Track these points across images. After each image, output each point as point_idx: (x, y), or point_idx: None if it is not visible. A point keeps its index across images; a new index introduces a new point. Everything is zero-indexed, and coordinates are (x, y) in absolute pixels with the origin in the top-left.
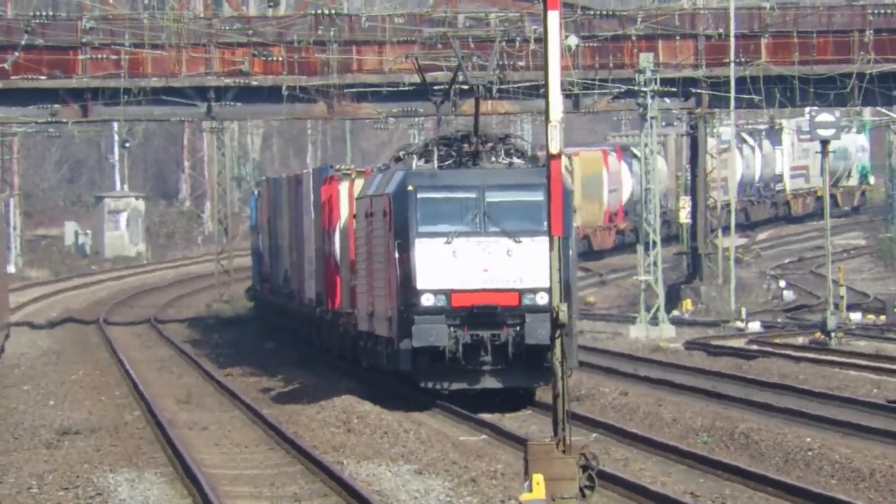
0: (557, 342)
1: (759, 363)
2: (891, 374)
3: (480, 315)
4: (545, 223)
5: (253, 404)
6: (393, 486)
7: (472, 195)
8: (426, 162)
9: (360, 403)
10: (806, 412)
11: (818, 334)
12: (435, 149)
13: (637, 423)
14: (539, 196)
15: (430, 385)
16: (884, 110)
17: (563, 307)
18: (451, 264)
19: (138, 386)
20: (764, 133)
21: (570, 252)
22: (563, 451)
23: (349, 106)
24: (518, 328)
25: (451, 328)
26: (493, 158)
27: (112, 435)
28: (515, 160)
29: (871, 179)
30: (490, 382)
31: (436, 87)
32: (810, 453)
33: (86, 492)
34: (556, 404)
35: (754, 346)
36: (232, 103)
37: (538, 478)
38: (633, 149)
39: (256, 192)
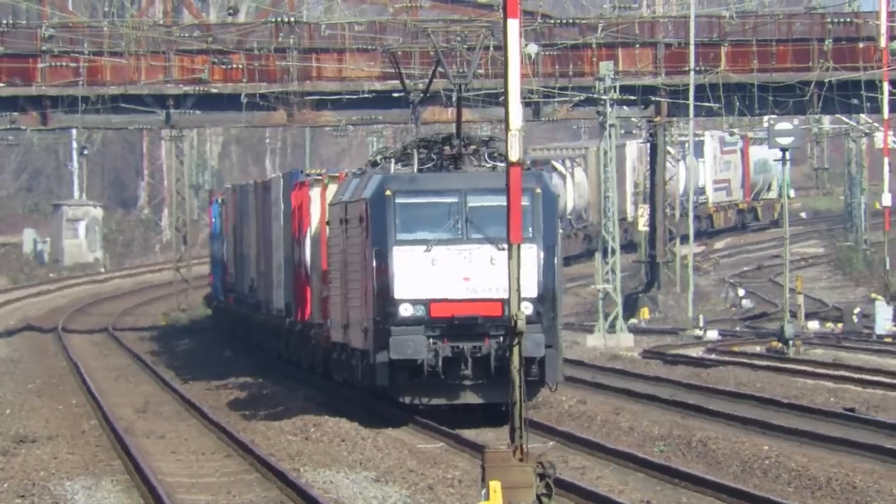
0: (515, 350)
1: (717, 372)
2: (848, 383)
3: (461, 326)
4: (531, 229)
5: (210, 413)
6: (350, 493)
7: (454, 200)
8: (405, 165)
9: (318, 411)
10: (763, 420)
11: (776, 343)
12: (415, 151)
13: (595, 431)
14: (525, 201)
15: (407, 400)
16: (843, 118)
17: (522, 315)
18: (430, 273)
19: (95, 394)
20: (687, 145)
21: (556, 260)
22: (521, 459)
23: (309, 113)
24: (501, 340)
25: (431, 340)
26: (476, 162)
27: (69, 443)
28: (499, 164)
29: (791, 192)
30: (471, 398)
31: (407, 90)
32: (767, 461)
33: (42, 500)
34: (514, 412)
35: (712, 356)
36: (191, 111)
37: (495, 485)
38: (553, 162)
39: (220, 200)
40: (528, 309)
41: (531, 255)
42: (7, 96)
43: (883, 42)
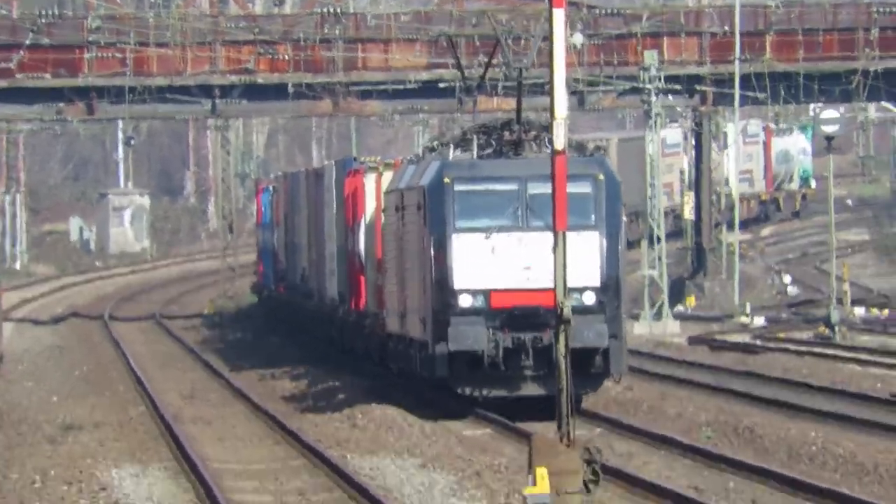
0: (561, 336)
1: (763, 358)
2: (894, 369)
3: (522, 317)
4: (593, 216)
5: (257, 399)
6: (397, 480)
7: (514, 187)
8: (464, 151)
9: (365, 398)
10: (810, 407)
11: (822, 329)
12: (474, 137)
13: (641, 417)
14: (587, 188)
15: (467, 392)
16: (889, 105)
17: (568, 303)
18: (490, 262)
19: (142, 382)
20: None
21: (620, 247)
22: (567, 445)
23: (354, 103)
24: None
25: (491, 331)
26: (536, 148)
27: (116, 430)
28: None
29: (812, 183)
30: (532, 389)
31: (464, 75)
32: (814, 448)
33: (89, 486)
34: (561, 398)
35: (758, 342)
36: (237, 101)
37: (542, 472)
38: None
39: (271, 188)
40: (590, 298)
41: (593, 243)
42: (54, 87)
43: None
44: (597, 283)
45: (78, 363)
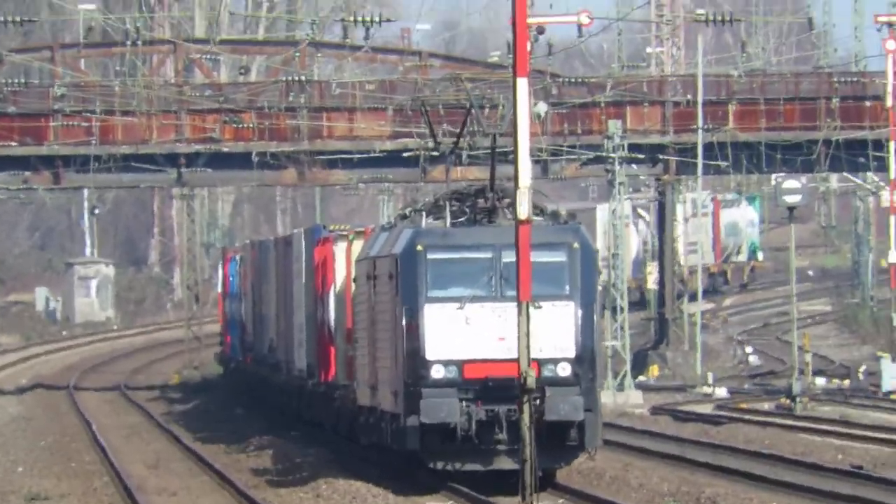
0: (525, 407)
1: (726, 428)
2: (855, 440)
3: (496, 388)
4: (568, 286)
5: (222, 470)
6: None
7: (488, 255)
8: (436, 219)
9: (329, 469)
10: (772, 478)
11: (784, 400)
12: (447, 204)
13: (604, 488)
14: (562, 257)
15: (439, 466)
16: (850, 176)
17: (531, 372)
18: (463, 332)
19: (107, 452)
20: (646, 209)
21: (595, 317)
22: None
23: (320, 173)
24: (537, 402)
25: (464, 403)
26: (510, 215)
27: (81, 501)
28: (535, 217)
29: (760, 255)
30: (506, 463)
31: (437, 141)
32: None
33: None
34: (524, 468)
35: (721, 413)
36: (202, 169)
37: None
38: None
39: (238, 257)
40: (565, 370)
41: (568, 313)
42: (20, 156)
43: (889, 101)
44: (572, 354)
45: (43, 433)
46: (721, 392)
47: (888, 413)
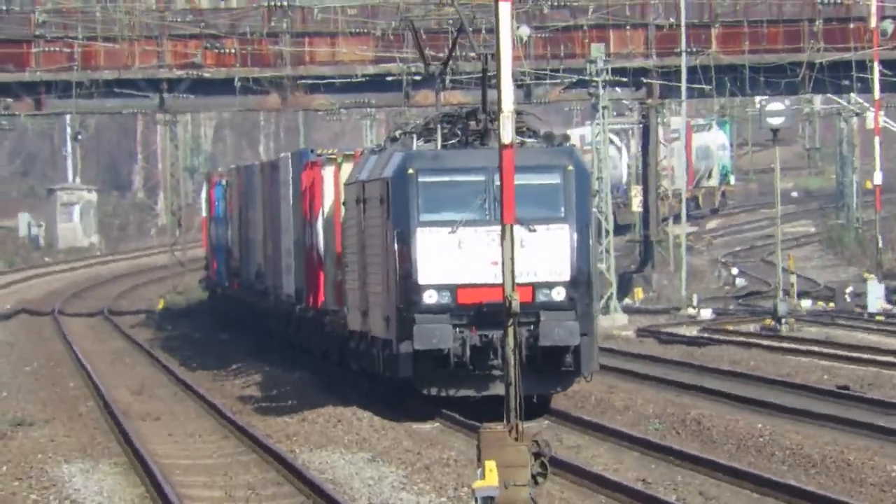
0: (510, 330)
1: (711, 350)
2: (840, 361)
3: (490, 313)
4: (563, 209)
5: (206, 394)
6: (346, 473)
7: (480, 178)
8: (427, 142)
9: (314, 392)
10: (757, 399)
11: (769, 321)
12: (438, 127)
13: (589, 410)
14: (556, 179)
15: (433, 392)
16: (834, 98)
17: (515, 296)
18: (456, 257)
19: (92, 377)
20: (631, 132)
21: (591, 241)
22: (516, 439)
23: (302, 97)
24: (532, 328)
25: (457, 329)
26: None
27: (66, 426)
28: (528, 139)
29: (732, 179)
30: (500, 389)
31: (427, 63)
32: (762, 439)
33: (40, 482)
34: (509, 392)
35: (705, 335)
36: (185, 95)
37: (491, 465)
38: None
39: (224, 182)
40: (560, 294)
41: (563, 237)
42: (1, 82)
43: (873, 22)
44: (567, 278)
45: (28, 359)
46: (706, 314)
47: (874, 334)
